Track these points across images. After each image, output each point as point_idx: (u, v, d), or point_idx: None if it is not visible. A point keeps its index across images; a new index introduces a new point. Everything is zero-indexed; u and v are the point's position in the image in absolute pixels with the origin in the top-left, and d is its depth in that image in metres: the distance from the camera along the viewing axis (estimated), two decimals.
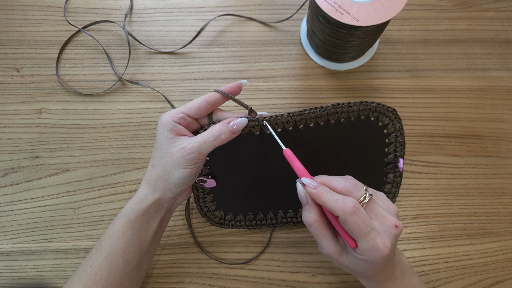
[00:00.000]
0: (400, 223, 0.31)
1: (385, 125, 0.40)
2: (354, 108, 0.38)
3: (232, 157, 0.40)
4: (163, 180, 0.35)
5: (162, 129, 0.35)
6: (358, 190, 0.32)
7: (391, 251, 0.30)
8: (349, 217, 0.29)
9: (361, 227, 0.29)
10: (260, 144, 0.39)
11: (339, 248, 0.33)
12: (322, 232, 0.33)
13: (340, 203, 0.30)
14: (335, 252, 0.33)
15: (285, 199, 0.36)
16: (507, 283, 0.45)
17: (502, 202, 0.48)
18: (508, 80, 0.53)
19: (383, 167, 0.42)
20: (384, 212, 0.31)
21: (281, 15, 0.55)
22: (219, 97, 0.36)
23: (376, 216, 0.31)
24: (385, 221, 0.31)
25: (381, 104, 0.39)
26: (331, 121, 0.39)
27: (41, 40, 0.53)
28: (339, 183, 0.32)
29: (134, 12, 0.55)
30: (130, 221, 0.35)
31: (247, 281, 0.45)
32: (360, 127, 0.40)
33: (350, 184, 0.32)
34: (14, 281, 0.44)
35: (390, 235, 0.30)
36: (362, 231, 0.29)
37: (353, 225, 0.29)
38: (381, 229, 0.30)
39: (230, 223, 0.44)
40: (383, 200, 0.33)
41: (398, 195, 0.44)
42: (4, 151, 0.49)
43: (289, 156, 0.34)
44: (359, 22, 0.41)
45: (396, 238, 0.31)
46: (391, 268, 0.33)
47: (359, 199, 0.31)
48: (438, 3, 0.56)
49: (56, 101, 0.51)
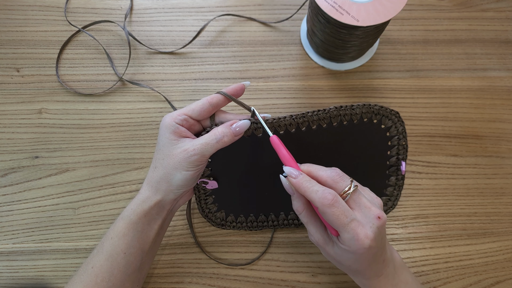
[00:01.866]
0: (384, 214, 0.31)
1: (388, 128, 0.40)
2: (357, 110, 0.38)
3: (234, 158, 0.40)
4: (165, 182, 0.35)
5: (164, 130, 0.35)
6: (343, 180, 0.32)
7: (374, 243, 0.30)
8: (328, 209, 0.30)
9: (340, 218, 0.30)
10: (262, 146, 0.39)
11: (326, 237, 0.33)
12: (311, 220, 0.33)
13: (320, 195, 0.30)
14: (322, 241, 0.33)
15: (287, 201, 0.36)
16: (507, 283, 0.45)
17: (502, 202, 0.48)
18: (508, 80, 0.53)
19: (386, 169, 0.42)
20: (368, 203, 0.31)
21: (281, 15, 0.55)
22: (221, 99, 0.36)
23: (359, 207, 0.31)
24: (368, 212, 0.31)
25: (384, 107, 0.39)
26: (334, 123, 0.39)
27: (41, 40, 0.53)
28: (325, 173, 0.32)
29: (134, 12, 0.55)
30: (131, 222, 0.35)
31: (247, 281, 0.45)
32: (362, 129, 0.39)
33: (336, 174, 0.32)
34: (14, 281, 0.44)
35: (373, 226, 0.30)
36: (341, 222, 0.30)
37: (332, 216, 0.30)
38: (363, 220, 0.31)
39: (231, 224, 0.44)
40: (368, 193, 0.34)
41: (400, 197, 0.44)
42: (4, 151, 0.49)
43: (276, 143, 0.34)
44: (359, 22, 0.41)
45: (379, 230, 0.31)
46: (380, 264, 0.33)
47: (344, 189, 0.31)
48: (438, 3, 0.56)
49: (56, 101, 0.51)
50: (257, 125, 0.37)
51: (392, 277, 0.35)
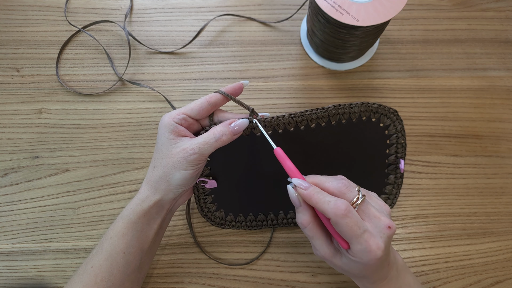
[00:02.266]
0: (393, 223, 0.31)
1: (386, 126, 0.40)
2: (355, 109, 0.38)
3: (233, 158, 0.40)
4: (164, 181, 0.35)
5: (163, 130, 0.35)
6: (350, 191, 0.31)
7: (385, 252, 0.30)
8: (341, 220, 0.29)
9: (354, 229, 0.29)
10: (261, 145, 0.39)
11: (332, 249, 0.33)
12: (316, 234, 0.32)
13: (332, 205, 0.29)
14: (329, 254, 0.32)
15: (286, 200, 0.36)
16: (507, 283, 0.45)
17: (502, 202, 0.48)
18: (508, 80, 0.53)
19: (384, 168, 0.42)
20: (377, 213, 0.31)
21: (281, 15, 0.55)
22: (220, 98, 0.36)
23: (369, 217, 0.31)
24: (378, 222, 0.30)
25: (383, 106, 0.39)
26: (332, 122, 0.39)
27: (41, 40, 0.53)
28: (331, 184, 0.32)
29: (134, 12, 0.55)
30: (130, 222, 0.35)
31: (247, 281, 0.45)
32: (361, 128, 0.39)
33: (342, 185, 0.31)
34: (14, 281, 0.44)
35: (383, 236, 0.30)
36: (354, 233, 0.29)
37: (345, 227, 0.29)
38: (373, 230, 0.30)
39: (230, 224, 0.44)
40: (376, 200, 0.33)
41: (399, 196, 0.44)
42: (4, 151, 0.49)
43: (280, 155, 0.33)
44: (359, 22, 0.41)
45: (389, 239, 0.30)
46: (386, 268, 0.33)
47: (352, 200, 0.31)
48: (438, 3, 0.56)
49: (56, 101, 0.51)
50: (255, 124, 0.37)
51: (396, 280, 0.35)
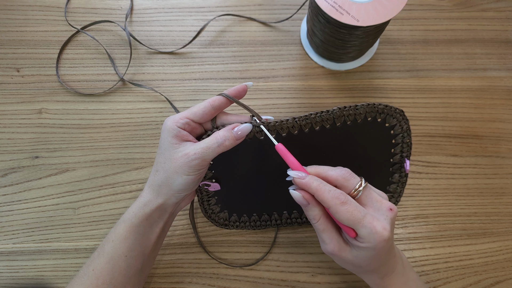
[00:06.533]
0: (394, 206, 0.32)
1: (392, 126, 0.40)
2: (361, 110, 0.38)
3: (236, 160, 0.40)
4: (166, 186, 0.35)
5: (166, 134, 0.35)
6: (354, 177, 0.32)
7: (391, 234, 0.31)
8: (341, 207, 0.30)
9: (355, 214, 0.30)
10: (264, 148, 0.39)
11: (342, 243, 0.33)
12: (327, 227, 0.33)
13: (332, 194, 0.30)
14: (338, 247, 0.33)
15: (290, 200, 0.36)
16: (507, 283, 0.45)
17: (502, 202, 0.48)
18: (508, 80, 0.53)
19: (389, 167, 0.42)
20: (379, 197, 0.32)
21: (281, 15, 0.55)
22: (224, 101, 0.36)
23: (371, 201, 0.32)
24: (380, 206, 0.32)
25: (389, 106, 0.38)
26: (337, 123, 0.38)
27: (41, 40, 0.53)
28: (335, 172, 0.33)
29: (134, 12, 0.55)
30: (133, 225, 0.35)
31: (247, 281, 0.45)
32: (366, 128, 0.39)
33: (346, 172, 0.32)
34: (14, 281, 0.44)
35: (387, 218, 0.31)
36: (356, 217, 0.30)
37: (346, 213, 0.30)
38: (376, 214, 0.31)
39: (234, 224, 0.44)
40: (374, 188, 0.34)
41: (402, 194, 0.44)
42: (4, 151, 0.49)
43: (282, 151, 0.33)
44: (359, 22, 0.41)
45: (392, 222, 0.31)
46: (392, 259, 0.34)
47: (355, 187, 0.32)
48: (438, 3, 0.56)
49: (56, 101, 0.51)
50: (258, 128, 0.37)
51: (402, 274, 0.35)
